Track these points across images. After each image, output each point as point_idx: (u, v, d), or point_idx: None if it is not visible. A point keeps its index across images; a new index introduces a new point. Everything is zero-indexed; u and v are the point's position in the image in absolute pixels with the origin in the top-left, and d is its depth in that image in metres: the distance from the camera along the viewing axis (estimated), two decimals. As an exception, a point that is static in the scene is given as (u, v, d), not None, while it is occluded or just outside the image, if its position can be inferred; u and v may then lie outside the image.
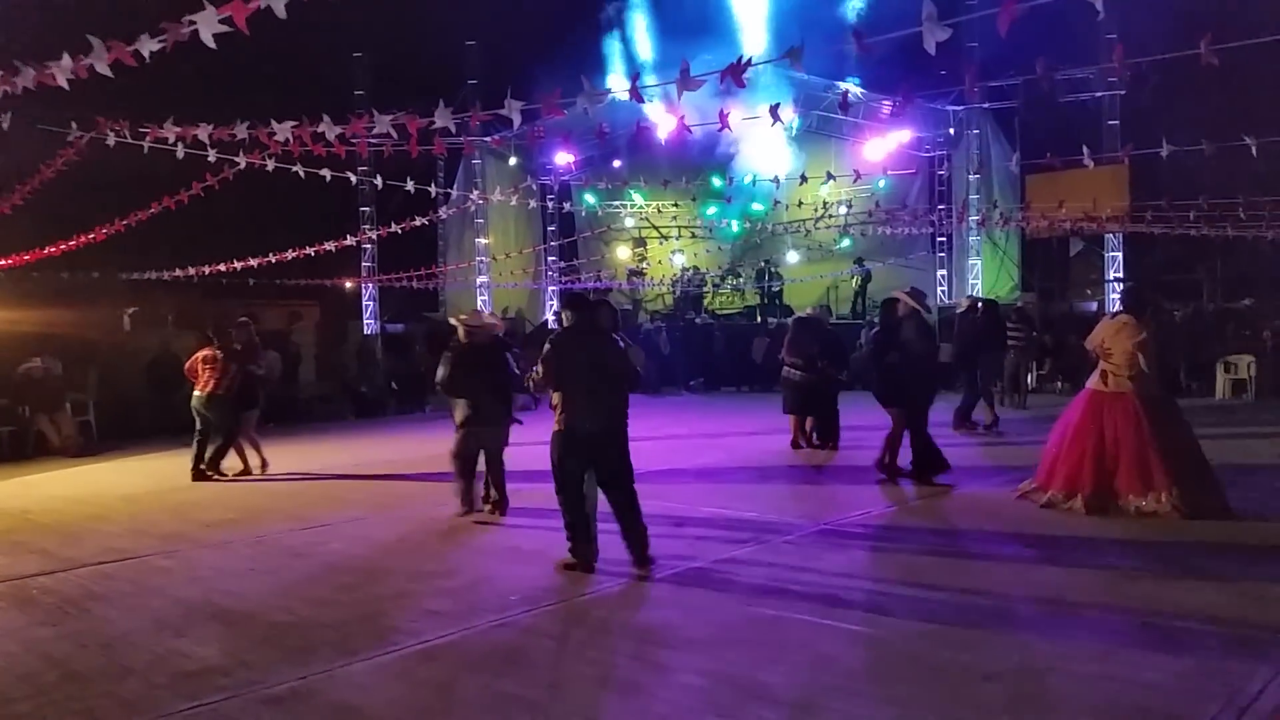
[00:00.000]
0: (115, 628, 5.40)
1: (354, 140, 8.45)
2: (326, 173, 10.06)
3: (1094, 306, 23.43)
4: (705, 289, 26.44)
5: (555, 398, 6.28)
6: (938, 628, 5.00)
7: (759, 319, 24.73)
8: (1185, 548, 6.57)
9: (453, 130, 6.70)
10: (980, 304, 14.79)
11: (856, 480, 9.62)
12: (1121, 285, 22.52)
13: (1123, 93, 22.17)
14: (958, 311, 14.94)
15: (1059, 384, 19.59)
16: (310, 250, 15.44)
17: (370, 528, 8.06)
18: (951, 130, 25.28)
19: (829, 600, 5.58)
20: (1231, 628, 4.82)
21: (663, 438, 12.82)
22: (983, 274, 24.84)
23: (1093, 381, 8.08)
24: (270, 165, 10.08)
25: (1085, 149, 8.67)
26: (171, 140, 8.76)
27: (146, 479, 11.30)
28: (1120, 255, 23.07)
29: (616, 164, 27.15)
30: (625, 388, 6.38)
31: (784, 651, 4.73)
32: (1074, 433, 7.99)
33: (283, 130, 7.24)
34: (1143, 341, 7.65)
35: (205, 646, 5.01)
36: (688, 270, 26.76)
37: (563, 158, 26.05)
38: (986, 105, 23.83)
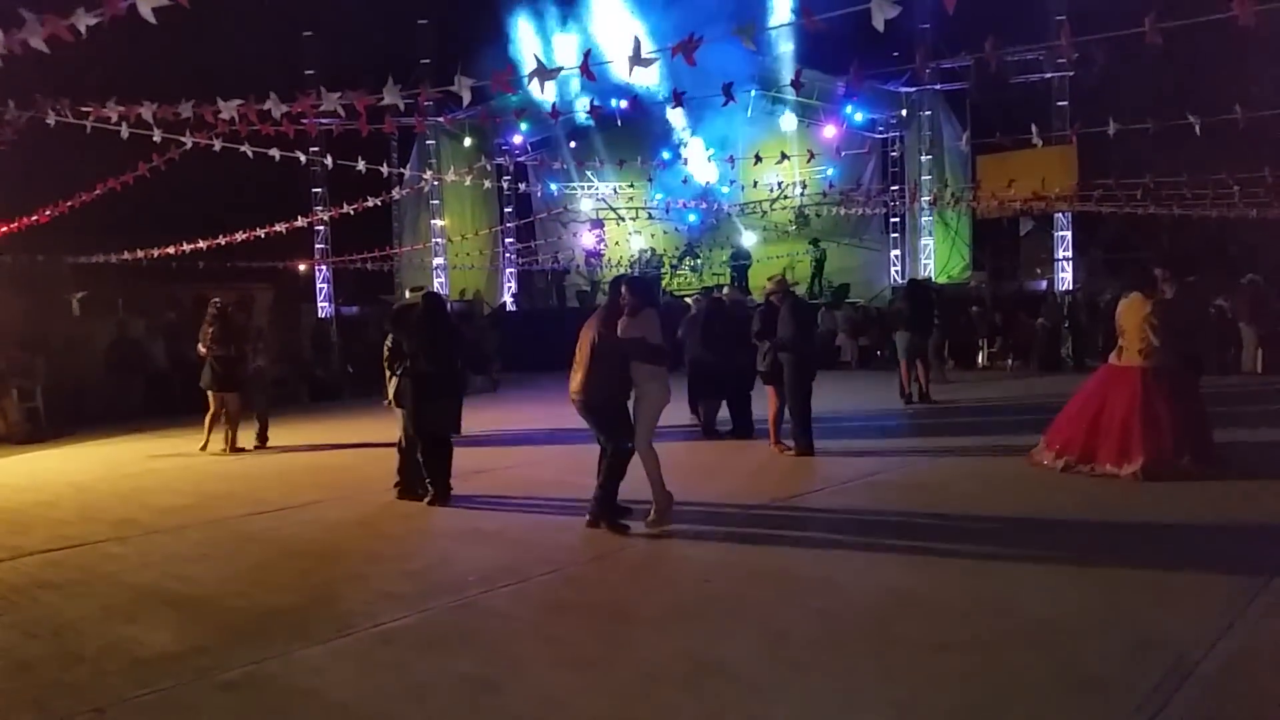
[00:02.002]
0: (64, 615, 5.31)
1: (303, 119, 8.32)
2: (275, 152, 9.89)
3: (1044, 285, 23.79)
4: (663, 270, 26.49)
5: None
6: (892, 601, 5.08)
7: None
8: (1138, 516, 6.73)
9: (401, 108, 6.61)
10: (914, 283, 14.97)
11: (810, 459, 9.72)
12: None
13: (1072, 74, 22.46)
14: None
15: (1009, 361, 19.90)
16: (261, 232, 15.21)
17: (326, 511, 7.99)
18: (904, 111, 25.46)
19: (785, 576, 5.64)
20: (1176, 597, 4.95)
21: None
22: (935, 254, 25.10)
23: (1111, 356, 8.62)
24: (218, 145, 9.91)
25: (1034, 128, 8.79)
26: (115, 120, 8.58)
27: (97, 465, 11.10)
28: (1069, 234, 23.43)
29: (573, 145, 27.05)
30: (609, 362, 6.76)
31: (741, 627, 4.78)
32: (1082, 401, 8.59)
33: (228, 108, 7.10)
34: (1148, 316, 8.11)
35: (158, 633, 4.95)
36: (645, 252, 26.78)
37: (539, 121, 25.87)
38: (938, 87, 24.03)
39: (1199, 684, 3.84)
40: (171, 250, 17.39)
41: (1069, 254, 23.51)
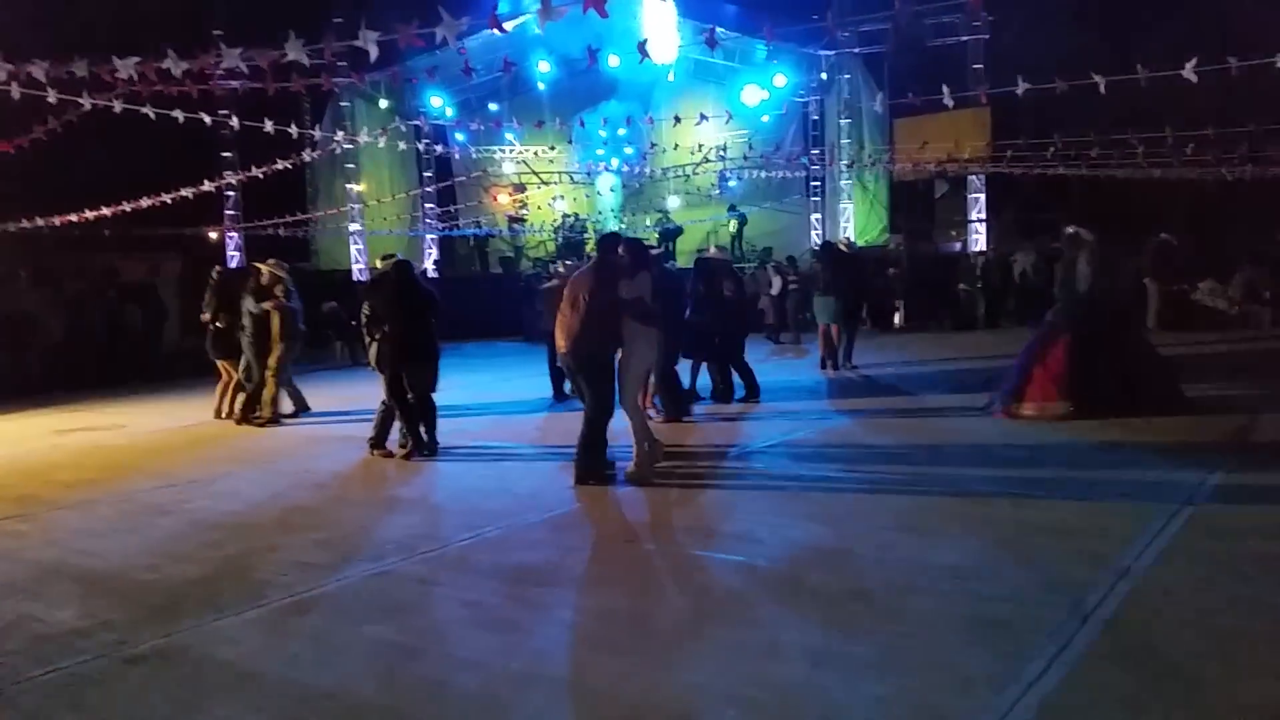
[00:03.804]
0: (-39, 596, 5.11)
1: (208, 78, 8.01)
2: (179, 114, 9.53)
3: (958, 247, 24.26)
4: (587, 235, 26.30)
5: None
6: (808, 553, 5.18)
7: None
8: (1046, 465, 6.96)
9: (306, 63, 6.39)
10: (842, 246, 14.95)
11: (729, 419, 9.83)
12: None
13: (986, 37, 22.80)
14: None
15: (925, 322, 20.36)
16: (167, 197, 14.66)
17: (239, 483, 7.82)
18: (824, 75, 25.60)
19: (705, 534, 5.70)
20: (1078, 541, 5.12)
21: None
22: (854, 217, 25.38)
23: None
24: (118, 107, 9.50)
25: (945, 89, 8.91)
26: (3, 79, 8.14)
27: (-4, 443, 10.68)
28: (983, 196, 23.88)
29: (493, 107, 26.62)
30: (604, 320, 6.91)
31: (661, 584, 4.82)
32: None
33: (126, 67, 6.79)
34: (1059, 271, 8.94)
35: (62, 609, 4.79)
36: (569, 217, 26.55)
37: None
38: (857, 50, 24.18)
39: (1097, 625, 3.99)
40: (74, 218, 16.66)
41: (983, 215, 23.98)
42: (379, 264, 9.22)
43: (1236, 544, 5.00)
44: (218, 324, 11.17)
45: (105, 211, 15.77)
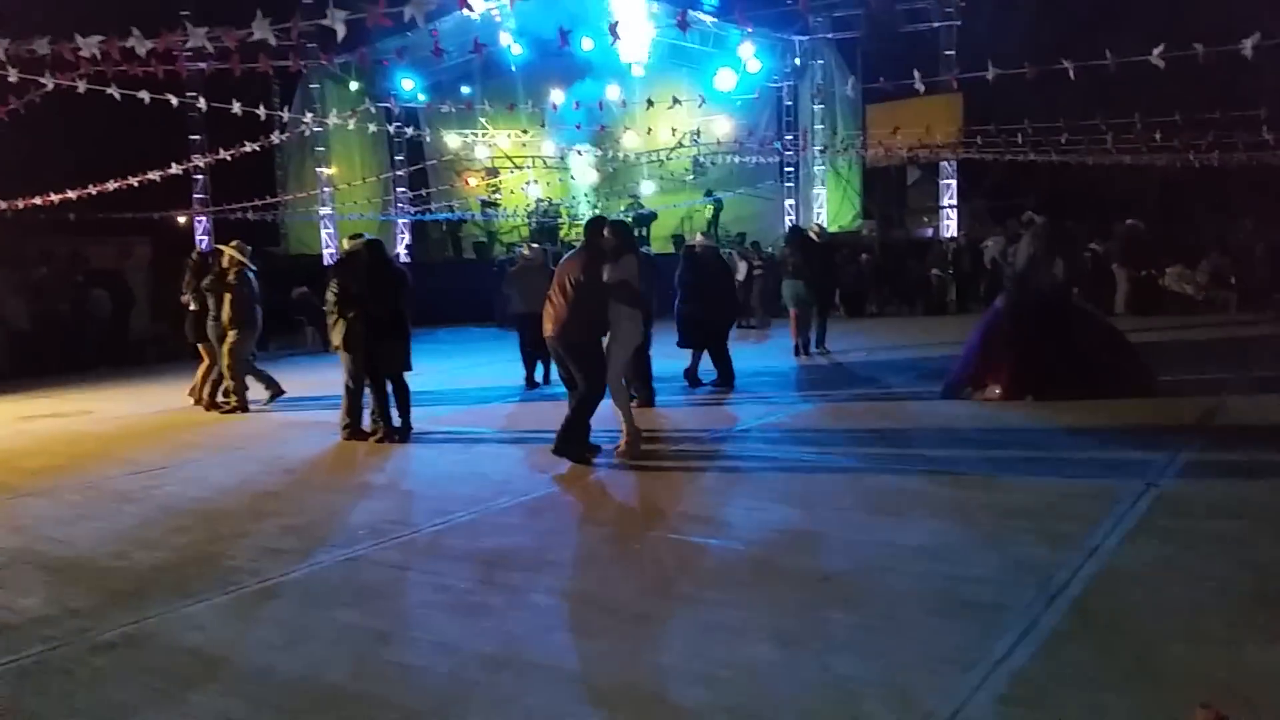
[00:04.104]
0: (-77, 584, 5.04)
1: (174, 58, 7.87)
2: (145, 94, 9.37)
3: (929, 233, 24.39)
4: (560, 220, 26.19)
5: None
6: (780, 535, 5.21)
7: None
8: (1014, 447, 7.03)
9: (273, 43, 6.29)
10: (813, 233, 14.93)
11: (703, 404, 9.85)
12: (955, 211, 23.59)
13: (958, 23, 22.88)
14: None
15: (898, 306, 20.48)
16: (134, 180, 14.43)
17: (208, 469, 7.75)
18: (797, 60, 25.59)
19: (677, 517, 5.71)
20: (1046, 522, 5.17)
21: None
22: (827, 203, 25.43)
23: None
24: (81, 87, 9.32)
25: (916, 73, 8.94)
26: (-40, 57, 7.97)
27: (-41, 429, 10.52)
28: (954, 183, 24.00)
29: (465, 90, 26.41)
30: (591, 303, 6.94)
31: (634, 568, 4.82)
32: None
33: (89, 45, 6.66)
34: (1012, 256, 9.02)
35: (27, 597, 4.73)
36: (542, 201, 26.41)
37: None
38: (830, 35, 24.19)
39: (1064, 604, 4.04)
40: (39, 201, 16.37)
41: (954, 201, 24.11)
42: (346, 244, 9.12)
43: (1200, 524, 5.07)
44: (191, 306, 10.98)
45: (70, 195, 15.51)
